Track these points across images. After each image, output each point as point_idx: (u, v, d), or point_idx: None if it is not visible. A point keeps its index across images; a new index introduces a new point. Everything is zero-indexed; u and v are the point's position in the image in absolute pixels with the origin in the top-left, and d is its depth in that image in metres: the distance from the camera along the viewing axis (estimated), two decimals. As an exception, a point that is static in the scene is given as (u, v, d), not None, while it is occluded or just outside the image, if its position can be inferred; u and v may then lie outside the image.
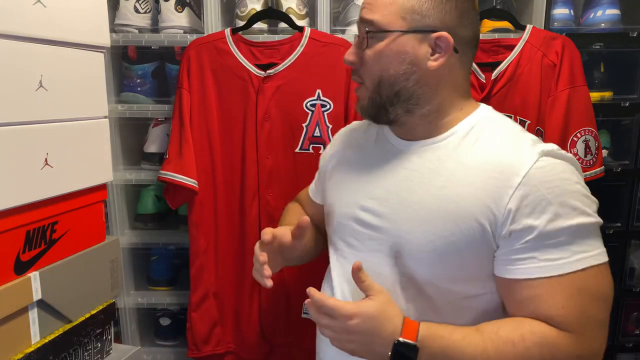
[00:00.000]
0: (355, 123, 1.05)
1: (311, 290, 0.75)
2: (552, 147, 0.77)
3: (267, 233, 0.90)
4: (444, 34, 0.78)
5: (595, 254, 0.74)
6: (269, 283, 0.88)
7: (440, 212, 0.77)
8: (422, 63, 0.79)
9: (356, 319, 0.72)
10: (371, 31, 0.80)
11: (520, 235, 0.73)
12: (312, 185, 1.11)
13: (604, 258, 0.75)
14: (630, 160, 1.49)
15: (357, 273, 0.74)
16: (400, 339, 0.72)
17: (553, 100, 1.29)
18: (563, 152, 0.78)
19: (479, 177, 0.76)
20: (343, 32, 1.44)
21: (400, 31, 0.78)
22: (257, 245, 0.92)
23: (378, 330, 0.72)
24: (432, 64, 0.79)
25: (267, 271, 0.87)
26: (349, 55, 0.84)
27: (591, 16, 1.44)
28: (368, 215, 0.85)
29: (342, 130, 1.06)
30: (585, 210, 0.74)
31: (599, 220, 0.76)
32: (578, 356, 0.73)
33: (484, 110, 0.85)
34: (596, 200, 0.77)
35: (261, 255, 0.89)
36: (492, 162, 0.76)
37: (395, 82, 0.80)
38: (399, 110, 0.83)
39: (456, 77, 0.83)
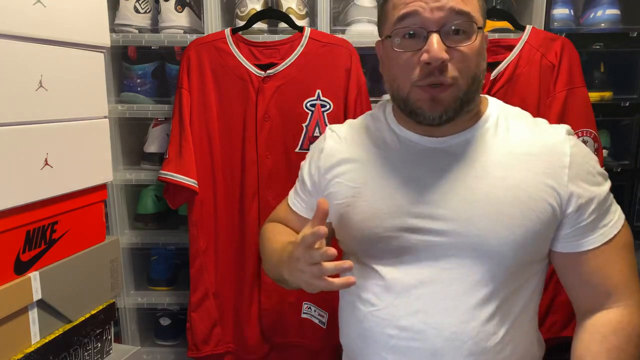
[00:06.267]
0: (342, 127, 0.96)
1: None
2: (565, 126, 0.83)
3: (315, 231, 0.70)
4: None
5: (620, 210, 0.82)
6: (352, 279, 0.74)
7: (514, 202, 0.77)
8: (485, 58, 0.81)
9: None
10: (480, 27, 0.77)
11: (586, 207, 0.78)
12: (296, 202, 0.99)
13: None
14: (630, 160, 1.49)
15: None
16: None
17: (551, 101, 1.29)
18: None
19: (532, 163, 0.79)
20: (343, 32, 1.44)
21: (481, 28, 0.78)
22: (304, 247, 0.72)
23: None
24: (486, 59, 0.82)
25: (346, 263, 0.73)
26: (442, 53, 0.73)
27: (591, 16, 1.44)
28: (424, 221, 0.80)
29: (331, 136, 0.95)
30: (606, 175, 0.83)
31: None
32: None
33: (493, 100, 0.88)
34: None
35: (328, 250, 0.71)
36: (536, 146, 0.80)
37: (481, 79, 0.80)
38: (466, 108, 0.80)
39: None
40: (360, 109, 1.34)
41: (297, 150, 1.36)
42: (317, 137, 1.34)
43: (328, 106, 1.34)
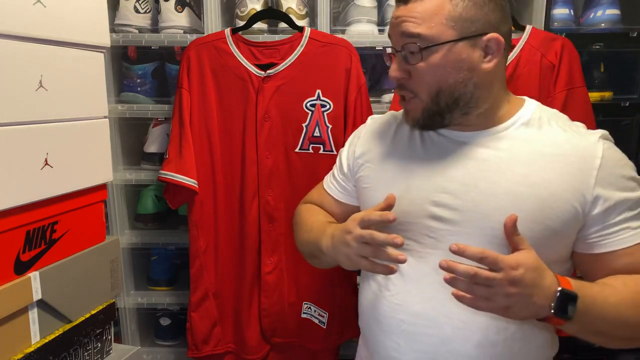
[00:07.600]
0: (380, 117, 1.01)
1: (460, 245, 0.69)
2: (602, 130, 0.84)
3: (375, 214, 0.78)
4: (494, 35, 0.80)
5: None
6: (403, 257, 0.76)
7: (533, 199, 0.79)
8: (477, 67, 0.81)
9: (520, 268, 0.69)
10: (428, 47, 0.79)
11: (614, 210, 0.78)
12: (332, 185, 1.04)
13: None
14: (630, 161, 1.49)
15: (511, 225, 0.72)
16: (562, 288, 0.71)
17: (551, 101, 1.29)
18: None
19: (559, 163, 0.80)
20: (343, 32, 1.44)
21: (454, 41, 0.79)
22: (362, 229, 0.78)
23: (539, 282, 0.70)
24: (487, 65, 0.81)
25: (399, 239, 0.75)
26: (395, 72, 0.83)
27: (591, 16, 1.45)
28: (443, 210, 0.83)
29: (369, 124, 1.01)
30: None
31: None
32: None
33: (532, 101, 0.89)
34: None
35: (396, 238, 0.75)
36: (567, 147, 0.81)
37: (454, 90, 0.81)
38: (456, 115, 0.84)
39: (503, 72, 0.86)
40: (360, 109, 1.34)
41: (297, 150, 1.36)
42: (317, 137, 1.36)
43: (328, 106, 1.34)
